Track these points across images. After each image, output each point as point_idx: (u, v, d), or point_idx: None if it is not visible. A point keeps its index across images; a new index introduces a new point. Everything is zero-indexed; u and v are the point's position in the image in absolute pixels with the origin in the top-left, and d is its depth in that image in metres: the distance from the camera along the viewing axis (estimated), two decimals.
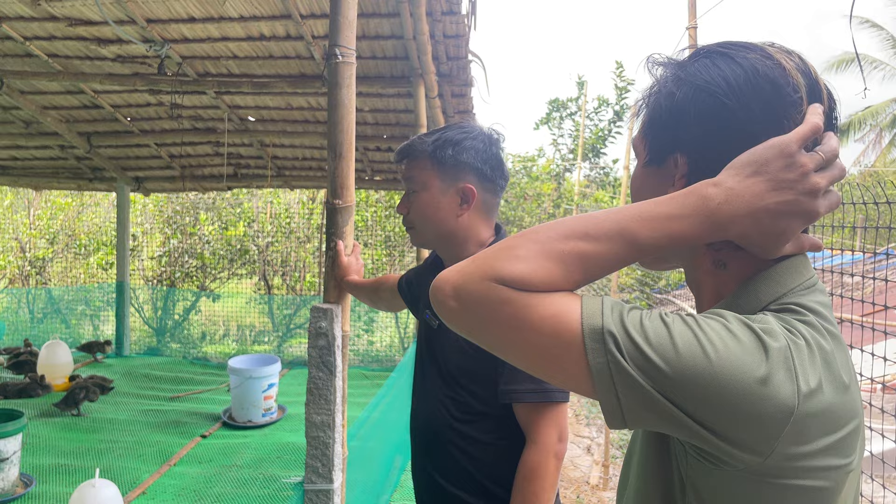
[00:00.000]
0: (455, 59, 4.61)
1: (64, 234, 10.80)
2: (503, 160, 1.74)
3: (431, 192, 1.71)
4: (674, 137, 0.87)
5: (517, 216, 10.61)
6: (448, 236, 1.73)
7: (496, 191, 1.75)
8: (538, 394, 1.54)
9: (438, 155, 1.70)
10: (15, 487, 3.75)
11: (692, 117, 0.84)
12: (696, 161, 0.84)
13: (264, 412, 5.00)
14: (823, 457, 0.70)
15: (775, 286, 0.80)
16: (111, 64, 4.97)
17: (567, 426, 1.60)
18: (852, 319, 3.12)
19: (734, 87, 0.81)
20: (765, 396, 0.66)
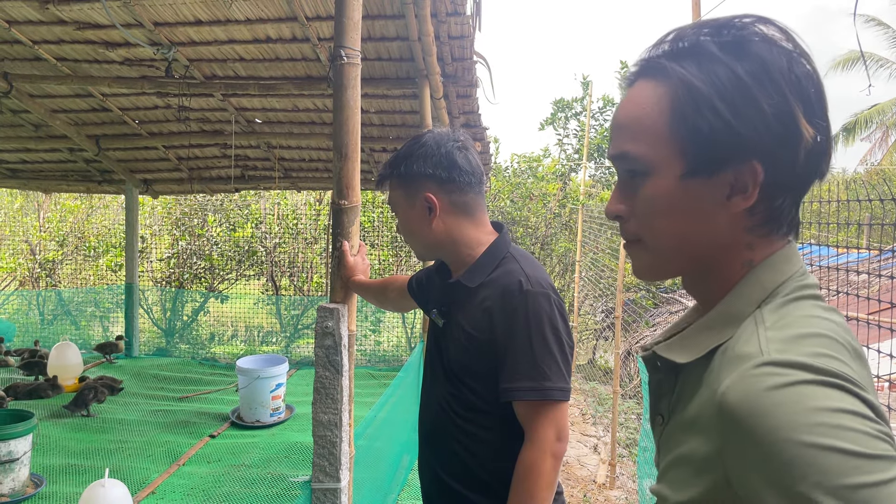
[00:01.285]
0: (460, 60, 4.62)
1: (73, 237, 10.87)
2: (454, 157, 1.72)
3: (403, 210, 1.79)
4: (743, 141, 0.78)
5: (522, 216, 10.61)
6: (435, 246, 1.78)
7: (463, 188, 1.74)
8: (537, 392, 1.55)
9: (396, 174, 1.77)
10: (26, 487, 3.78)
11: (773, 103, 0.76)
12: (772, 167, 0.78)
13: (272, 412, 5.03)
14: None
15: (777, 274, 0.82)
16: (119, 67, 5.01)
17: (567, 425, 1.59)
18: (858, 317, 3.13)
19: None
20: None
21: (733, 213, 0.81)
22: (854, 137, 20.31)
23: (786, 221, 0.83)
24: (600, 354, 10.41)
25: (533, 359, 1.55)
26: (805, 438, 0.63)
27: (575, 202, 10.82)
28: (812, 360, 0.68)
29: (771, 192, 0.80)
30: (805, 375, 0.67)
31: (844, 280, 5.19)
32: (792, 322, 0.75)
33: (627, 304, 8.70)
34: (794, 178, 0.80)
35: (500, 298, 1.61)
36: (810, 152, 0.78)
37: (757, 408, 0.67)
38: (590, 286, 9.59)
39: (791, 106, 0.76)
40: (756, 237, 0.83)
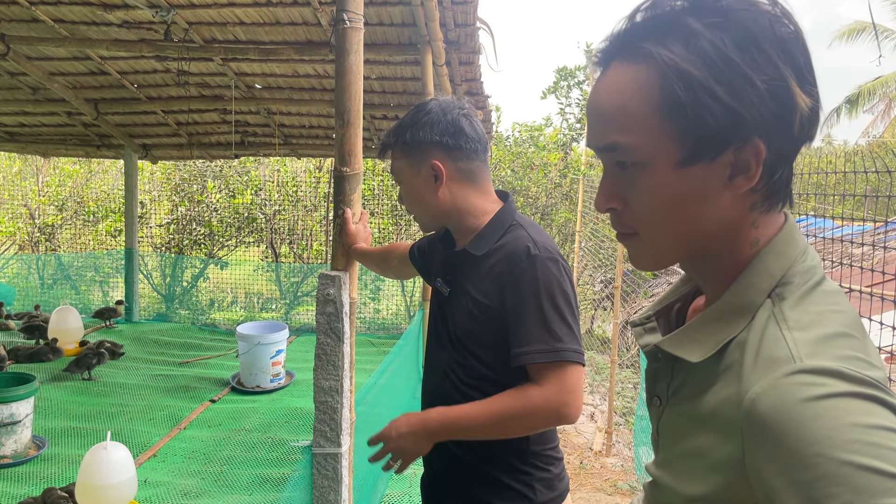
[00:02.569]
0: (463, 27, 4.56)
1: (73, 201, 10.84)
2: (460, 124, 1.72)
3: (407, 179, 1.76)
4: (744, 121, 0.74)
5: (523, 186, 10.57)
6: (440, 215, 1.76)
7: (469, 155, 1.73)
8: (549, 353, 1.53)
9: (401, 142, 1.74)
10: (28, 449, 3.82)
11: (770, 88, 0.73)
12: (772, 141, 0.75)
13: (272, 378, 5.06)
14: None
15: (782, 259, 0.80)
16: (117, 30, 4.95)
17: (579, 391, 1.54)
18: (861, 289, 3.13)
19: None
20: None
21: (736, 194, 0.78)
22: (857, 110, 20.17)
23: (784, 192, 0.81)
24: (598, 324, 10.45)
25: (544, 322, 1.54)
26: (841, 456, 0.62)
27: (576, 172, 10.78)
28: (845, 366, 0.66)
29: (772, 166, 0.77)
30: (841, 386, 0.65)
31: (845, 252, 5.19)
32: (814, 320, 0.73)
33: (627, 275, 8.71)
34: (792, 148, 0.78)
35: (508, 264, 1.60)
36: (804, 120, 0.75)
37: (791, 419, 0.65)
38: (589, 256, 9.60)
39: (784, 76, 0.73)
40: (759, 214, 0.80)
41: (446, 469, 1.76)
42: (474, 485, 1.69)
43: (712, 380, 0.78)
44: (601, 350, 8.59)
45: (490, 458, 1.67)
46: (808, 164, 7.69)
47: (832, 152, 17.74)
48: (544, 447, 1.70)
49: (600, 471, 5.02)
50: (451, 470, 1.75)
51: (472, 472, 1.69)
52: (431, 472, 1.82)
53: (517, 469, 1.66)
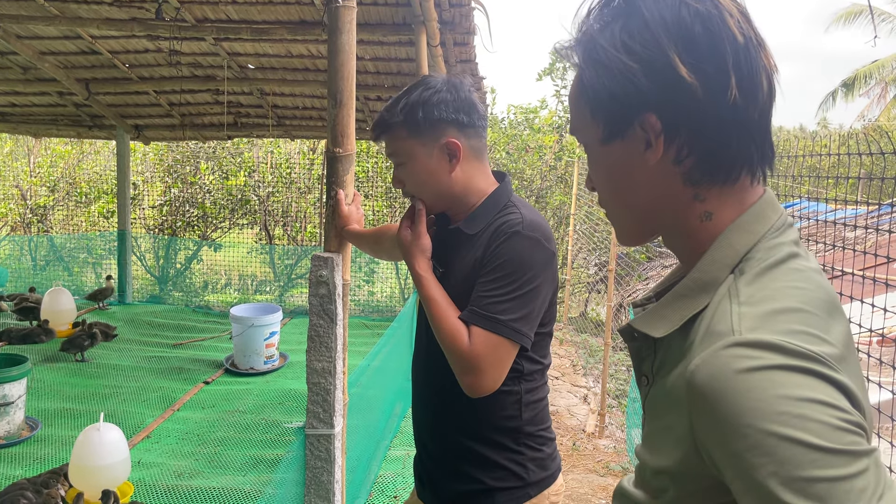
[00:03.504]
0: (457, 6, 4.52)
1: (65, 182, 10.77)
2: (473, 101, 1.70)
3: (418, 159, 1.68)
4: (632, 98, 0.82)
5: (518, 168, 10.54)
6: (448, 195, 1.71)
7: (479, 133, 1.72)
8: (487, 321, 1.52)
9: (411, 121, 1.66)
10: (21, 430, 3.82)
11: (645, 67, 0.80)
12: (673, 114, 0.81)
13: (266, 360, 5.06)
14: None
15: (748, 235, 0.81)
16: (108, 8, 4.89)
17: (495, 367, 1.54)
18: (854, 272, 3.14)
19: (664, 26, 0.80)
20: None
21: (654, 166, 0.83)
22: (854, 93, 20.16)
23: (734, 166, 0.82)
24: (592, 307, 10.47)
25: (499, 292, 1.53)
26: (767, 427, 0.63)
27: (571, 155, 10.76)
28: (785, 339, 0.67)
29: (687, 138, 0.81)
30: (776, 359, 0.66)
31: (839, 235, 5.20)
32: (767, 295, 0.74)
33: (621, 258, 8.72)
34: (708, 120, 0.80)
35: (491, 238, 1.60)
36: (709, 92, 0.78)
37: (723, 390, 0.67)
38: (584, 239, 9.60)
39: (665, 53, 0.78)
40: (701, 188, 0.83)
41: (439, 449, 1.77)
42: (467, 464, 1.69)
43: (679, 356, 0.80)
44: (595, 333, 8.61)
45: (482, 438, 1.67)
46: (802, 147, 7.69)
47: (827, 135, 17.74)
48: (537, 428, 1.70)
49: (593, 452, 5.05)
50: (443, 450, 1.75)
51: (464, 452, 1.69)
52: (424, 452, 1.83)
53: (510, 449, 1.66)
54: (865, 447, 0.63)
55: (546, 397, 1.75)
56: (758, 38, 0.81)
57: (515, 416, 1.65)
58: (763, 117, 0.82)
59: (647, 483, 0.85)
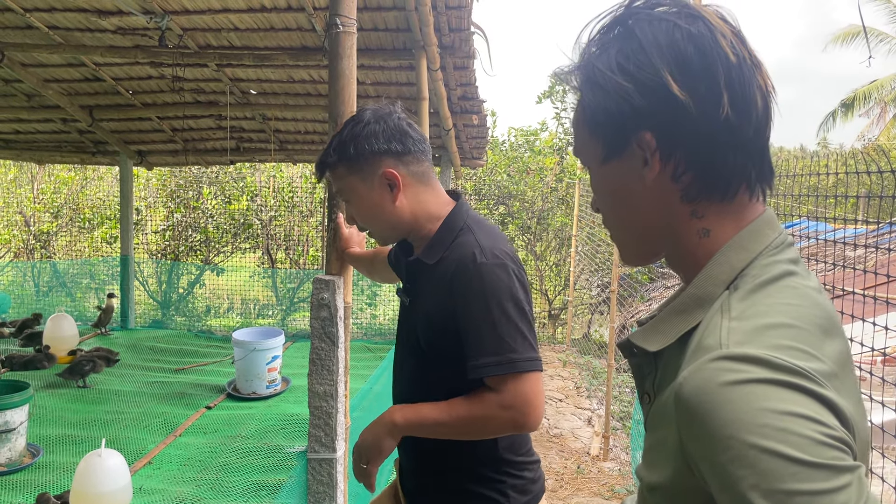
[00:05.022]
0: (457, 31, 4.57)
1: (68, 208, 10.81)
2: (404, 128, 1.68)
3: (360, 194, 1.69)
4: (628, 117, 0.85)
5: (519, 190, 10.57)
6: (399, 225, 1.70)
7: (419, 157, 1.69)
8: (503, 366, 1.50)
9: (345, 158, 1.67)
10: (22, 457, 3.80)
11: (639, 87, 0.83)
12: (669, 132, 0.83)
13: (268, 384, 5.04)
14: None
15: (745, 252, 0.83)
16: (112, 36, 4.94)
17: (538, 398, 1.52)
18: (855, 291, 3.13)
19: (658, 49, 0.83)
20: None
21: (652, 183, 0.86)
22: (853, 113, 20.23)
23: (731, 183, 0.84)
24: (595, 329, 10.44)
25: (496, 332, 1.50)
26: (749, 439, 0.64)
27: (572, 176, 10.78)
28: (771, 354, 0.68)
29: (683, 155, 0.83)
30: (760, 373, 0.67)
31: (841, 254, 5.20)
32: (759, 311, 0.75)
33: (623, 279, 8.71)
34: (703, 138, 0.82)
35: (455, 274, 1.56)
36: (703, 109, 0.81)
37: (708, 402, 0.68)
38: (586, 261, 9.60)
39: (658, 73, 0.81)
40: (699, 204, 0.85)
41: (420, 481, 1.75)
42: (447, 495, 1.67)
43: (674, 371, 0.80)
44: (598, 354, 8.58)
45: (462, 469, 1.65)
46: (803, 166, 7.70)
47: (829, 155, 17.79)
48: (517, 455, 1.67)
49: (597, 475, 5.01)
50: (424, 482, 1.73)
51: (443, 485, 1.67)
52: (408, 484, 1.81)
53: (490, 479, 1.64)
54: (849, 463, 0.64)
55: None
56: (752, 58, 0.83)
57: (492, 446, 1.63)
58: (758, 135, 0.83)
59: (645, 501, 0.85)
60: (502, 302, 1.51)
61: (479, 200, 10.71)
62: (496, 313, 1.50)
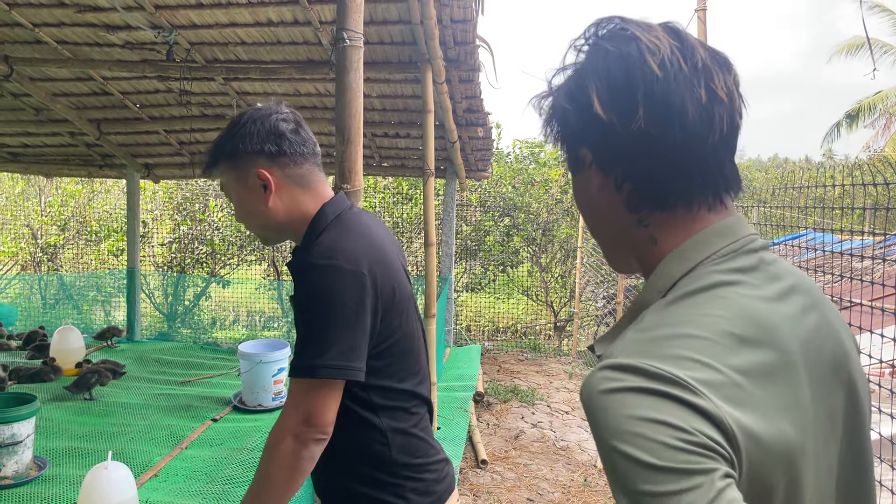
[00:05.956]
0: (462, 44, 4.60)
1: (75, 221, 10.87)
2: (281, 129, 1.65)
3: (236, 192, 1.69)
4: (570, 135, 0.93)
5: (524, 202, 10.58)
6: (277, 226, 1.68)
7: (296, 160, 1.66)
8: (298, 370, 1.48)
9: (222, 157, 1.68)
10: (29, 470, 3.80)
11: (576, 108, 0.89)
12: (604, 148, 0.89)
13: (274, 396, 5.04)
14: None
15: (684, 262, 0.85)
16: (120, 50, 4.99)
17: (324, 409, 1.48)
18: (862, 303, 3.12)
19: (593, 72, 0.88)
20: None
21: (602, 195, 0.91)
22: (857, 124, 20.22)
23: (669, 192, 0.87)
24: None
25: (307, 334, 1.49)
26: (613, 443, 0.70)
27: None
28: (649, 363, 0.72)
29: (620, 168, 0.88)
30: (633, 382, 0.71)
31: (848, 266, 5.18)
32: (666, 322, 0.79)
33: (629, 290, 8.70)
34: (634, 151, 0.85)
35: (295, 275, 1.56)
36: (626, 124, 0.84)
37: (591, 408, 0.74)
38: (591, 272, 9.59)
39: (588, 94, 0.86)
40: (643, 214, 0.89)
41: (321, 489, 1.74)
42: (346, 501, 1.66)
43: None
44: None
45: (358, 476, 1.63)
46: (809, 177, 7.70)
47: (834, 166, 17.77)
48: (413, 458, 1.65)
49: (605, 488, 4.99)
50: (328, 492, 1.72)
51: (343, 491, 1.66)
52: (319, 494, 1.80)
53: (387, 483, 1.62)
54: (702, 466, 0.66)
55: (420, 423, 1.69)
56: (697, 68, 0.84)
57: (384, 451, 1.61)
58: (690, 145, 0.84)
59: None
60: (320, 302, 1.48)
61: (484, 212, 10.72)
62: (313, 314, 1.48)
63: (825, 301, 0.91)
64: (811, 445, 0.78)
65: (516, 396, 7.13)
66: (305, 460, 1.49)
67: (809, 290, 0.89)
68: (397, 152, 6.75)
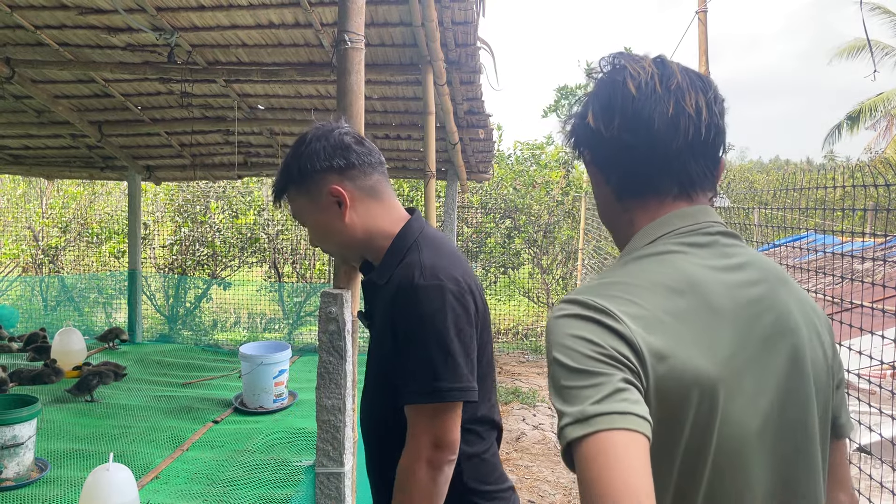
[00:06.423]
0: (464, 46, 4.60)
1: (76, 223, 10.88)
2: (346, 142, 1.64)
3: (312, 214, 1.67)
4: (578, 142, 1.18)
5: (525, 204, 10.58)
6: (355, 244, 1.67)
7: (366, 170, 1.65)
8: (421, 395, 1.45)
9: (291, 181, 1.66)
10: (30, 472, 3.80)
11: (580, 122, 1.16)
12: (596, 151, 1.15)
13: (275, 398, 5.04)
14: None
15: (646, 237, 1.08)
16: (121, 52, 4.99)
17: (453, 432, 1.47)
18: (863, 304, 3.12)
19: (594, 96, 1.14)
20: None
21: (601, 187, 1.16)
22: (859, 126, 20.21)
23: (641, 183, 1.10)
24: None
25: (424, 358, 1.46)
26: (552, 354, 0.94)
27: (578, 190, 10.80)
28: (587, 297, 0.97)
29: (609, 166, 1.13)
30: (573, 310, 0.96)
31: (849, 268, 5.18)
32: (616, 273, 1.04)
33: None
34: (616, 152, 1.10)
35: (396, 297, 1.52)
36: (608, 132, 1.09)
37: (546, 330, 0.98)
38: (592, 274, 9.58)
39: (587, 111, 1.12)
40: (626, 202, 1.13)
41: None
42: None
43: None
44: None
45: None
46: (810, 179, 7.69)
47: (835, 168, 17.77)
48: (483, 484, 1.63)
49: None
50: None
51: None
52: None
53: None
54: (605, 371, 0.89)
55: (491, 448, 1.67)
56: (670, 91, 1.06)
57: (456, 477, 1.56)
58: (656, 149, 1.06)
59: None
60: (437, 325, 1.46)
61: (485, 214, 10.73)
62: (428, 337, 1.46)
63: (784, 285, 1.07)
64: (735, 383, 0.96)
65: (517, 398, 7.13)
66: (442, 484, 1.48)
67: (765, 271, 1.06)
68: (398, 154, 6.75)
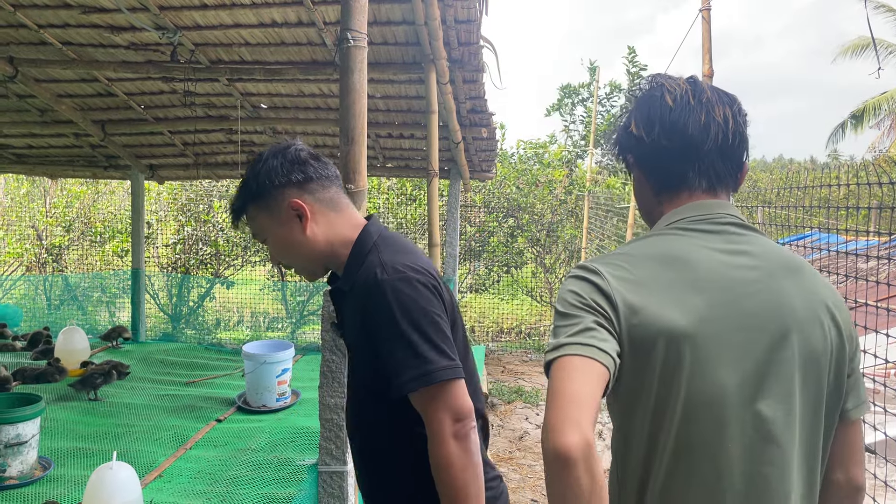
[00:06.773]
0: (466, 45, 4.60)
1: (80, 222, 10.89)
2: (302, 157, 1.66)
3: (273, 230, 1.68)
4: (622, 148, 1.43)
5: (528, 203, 10.57)
6: (319, 256, 1.68)
7: (322, 182, 1.67)
8: (422, 379, 1.47)
9: (251, 199, 1.68)
10: (34, 470, 3.81)
11: (624, 132, 1.42)
12: (637, 154, 1.41)
13: (278, 397, 5.05)
14: None
15: (664, 223, 1.32)
16: (124, 52, 5.00)
17: (463, 401, 1.50)
18: (868, 303, 3.11)
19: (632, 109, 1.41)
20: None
21: (643, 185, 1.40)
22: (863, 124, 20.15)
23: (672, 182, 1.34)
24: None
25: (410, 347, 1.48)
26: (555, 302, 1.26)
27: (581, 189, 10.78)
28: (593, 264, 1.24)
29: (647, 169, 1.37)
30: (576, 272, 1.26)
31: (853, 266, 5.17)
32: (624, 247, 1.32)
33: None
34: (655, 155, 1.34)
35: (363, 298, 1.54)
36: (649, 138, 1.32)
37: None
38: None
39: (630, 122, 1.36)
40: (661, 196, 1.36)
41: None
42: None
43: None
44: None
45: (415, 491, 1.62)
46: (814, 178, 7.68)
47: (839, 166, 17.74)
48: None
49: None
50: None
51: None
52: None
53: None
54: (580, 314, 1.19)
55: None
56: (703, 102, 1.29)
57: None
58: (688, 151, 1.30)
59: None
60: (411, 315, 1.49)
61: (488, 213, 10.72)
62: (406, 328, 1.48)
63: (791, 275, 1.24)
64: (709, 343, 1.17)
65: (520, 397, 7.13)
66: (474, 452, 1.51)
67: (767, 259, 1.24)
68: (401, 153, 6.75)
